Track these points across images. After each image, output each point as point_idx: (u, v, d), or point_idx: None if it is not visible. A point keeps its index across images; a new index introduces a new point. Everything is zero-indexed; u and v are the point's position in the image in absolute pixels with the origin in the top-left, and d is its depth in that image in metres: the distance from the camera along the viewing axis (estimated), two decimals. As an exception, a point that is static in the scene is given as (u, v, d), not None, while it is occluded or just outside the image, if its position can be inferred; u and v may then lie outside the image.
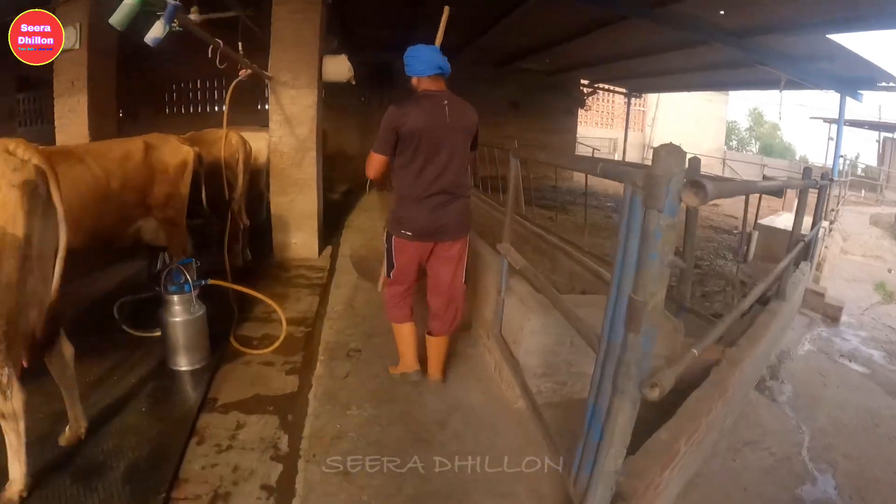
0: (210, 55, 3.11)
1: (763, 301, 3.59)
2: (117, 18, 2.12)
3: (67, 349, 2.20)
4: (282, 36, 4.89)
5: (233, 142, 4.38)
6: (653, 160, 1.27)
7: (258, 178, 5.49)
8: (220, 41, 2.96)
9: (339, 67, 5.24)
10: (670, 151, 1.25)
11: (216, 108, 11.35)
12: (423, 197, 2.44)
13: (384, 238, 2.64)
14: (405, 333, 2.70)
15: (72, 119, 5.19)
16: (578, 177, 13.28)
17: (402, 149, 2.41)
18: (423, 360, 2.75)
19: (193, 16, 3.66)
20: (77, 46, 5.00)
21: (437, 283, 2.64)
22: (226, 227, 4.10)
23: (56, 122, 5.27)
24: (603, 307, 1.47)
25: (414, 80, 2.48)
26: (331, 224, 6.60)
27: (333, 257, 5.44)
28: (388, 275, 2.65)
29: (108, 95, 5.59)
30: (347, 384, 2.75)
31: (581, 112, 15.03)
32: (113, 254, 3.76)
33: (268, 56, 4.98)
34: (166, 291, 2.85)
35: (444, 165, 2.43)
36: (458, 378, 2.83)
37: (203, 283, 2.96)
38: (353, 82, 5.45)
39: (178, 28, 2.36)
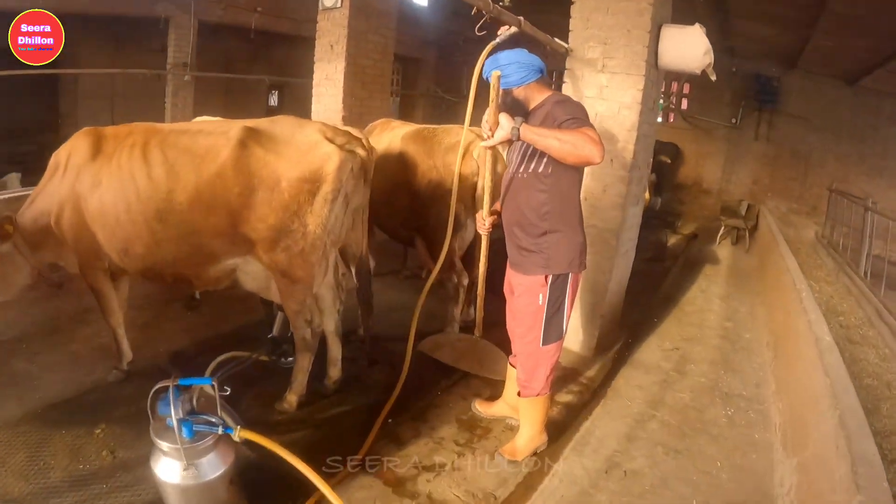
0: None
1: None
2: None
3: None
4: (592, -13, 2.91)
5: (475, 154, 2.69)
6: None
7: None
8: None
9: (688, 46, 2.85)
10: None
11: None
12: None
13: (547, 287, 1.99)
14: (548, 403, 2.26)
15: (328, 88, 4.52)
16: None
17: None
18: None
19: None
20: (339, 5, 4.28)
21: None
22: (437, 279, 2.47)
23: (313, 91, 4.70)
24: None
25: (518, 91, 2.02)
26: (638, 290, 4.24)
27: (618, 361, 3.18)
28: (561, 334, 2.07)
29: (379, 63, 4.74)
30: None
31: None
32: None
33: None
34: (153, 427, 1.39)
35: None
36: None
37: (217, 430, 1.38)
38: (713, 77, 2.96)
39: None
